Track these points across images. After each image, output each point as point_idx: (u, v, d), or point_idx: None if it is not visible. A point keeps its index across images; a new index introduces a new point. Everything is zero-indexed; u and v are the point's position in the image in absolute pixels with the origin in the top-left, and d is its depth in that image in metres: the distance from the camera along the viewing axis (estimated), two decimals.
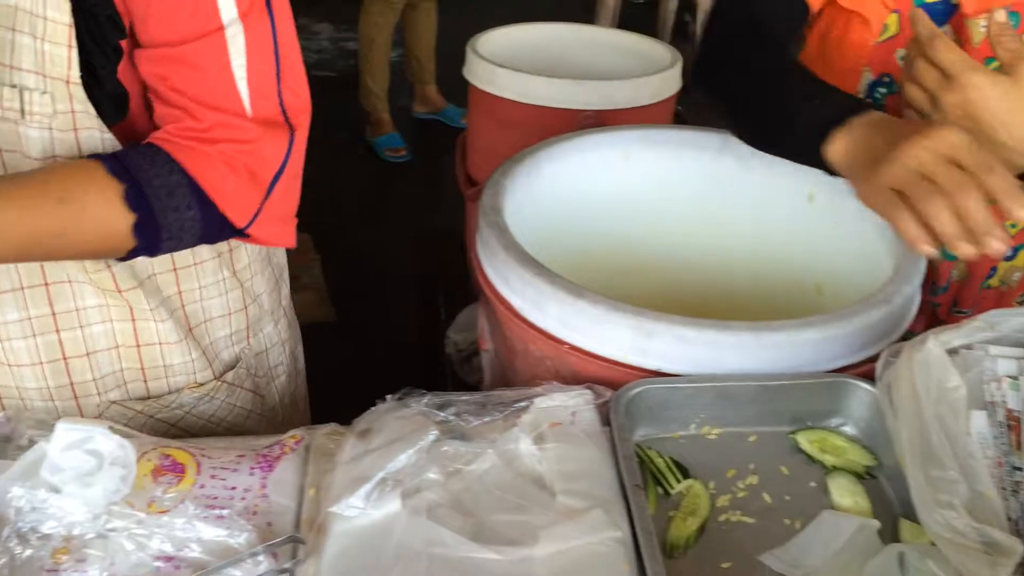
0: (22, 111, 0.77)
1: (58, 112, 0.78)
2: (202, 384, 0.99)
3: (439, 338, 2.11)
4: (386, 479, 0.77)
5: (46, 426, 0.84)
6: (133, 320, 0.92)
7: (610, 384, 0.89)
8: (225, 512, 0.74)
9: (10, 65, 0.76)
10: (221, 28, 0.76)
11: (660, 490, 0.83)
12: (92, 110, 0.79)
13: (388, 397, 0.87)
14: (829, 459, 0.86)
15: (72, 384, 0.93)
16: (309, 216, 3.18)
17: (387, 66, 3.45)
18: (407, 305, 2.72)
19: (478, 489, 0.80)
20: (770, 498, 0.83)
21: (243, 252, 1.00)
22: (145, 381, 0.96)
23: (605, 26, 3.35)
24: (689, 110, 2.62)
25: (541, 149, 1.21)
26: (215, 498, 0.76)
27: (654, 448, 0.87)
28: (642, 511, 0.75)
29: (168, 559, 0.72)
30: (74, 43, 0.76)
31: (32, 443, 0.80)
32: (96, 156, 0.79)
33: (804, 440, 0.88)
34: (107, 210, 0.77)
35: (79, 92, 0.78)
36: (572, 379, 0.93)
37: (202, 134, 0.79)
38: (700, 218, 1.28)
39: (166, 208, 0.78)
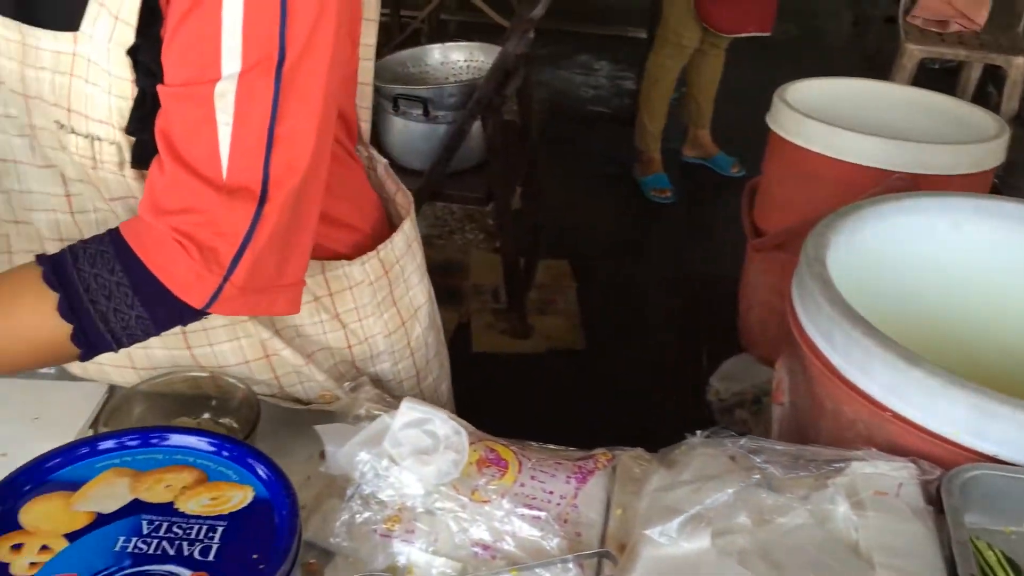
0: (94, 159, 0.78)
1: (125, 161, 0.79)
2: (338, 398, 0.97)
3: (697, 382, 2.09)
4: (700, 514, 0.77)
5: (381, 400, 0.91)
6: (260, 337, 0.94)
7: (933, 461, 0.84)
8: (542, 514, 0.77)
9: (85, 115, 0.77)
10: (216, 80, 0.71)
11: None
12: None
13: (698, 432, 0.87)
14: None
15: None
16: (569, 243, 3.26)
17: (666, 108, 3.48)
18: (659, 344, 2.71)
19: (788, 543, 0.77)
20: None
21: (348, 296, 0.97)
22: (281, 388, 0.98)
23: None
24: (1005, 185, 2.43)
25: (865, 207, 1.16)
26: (533, 498, 0.79)
27: (982, 539, 0.80)
28: None
29: (485, 547, 0.76)
30: (135, 96, 0.76)
31: (371, 415, 0.87)
32: (38, 258, 0.76)
33: None
34: (41, 321, 0.74)
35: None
36: (887, 448, 0.88)
37: (157, 198, 0.75)
38: None
39: (107, 311, 0.74)
